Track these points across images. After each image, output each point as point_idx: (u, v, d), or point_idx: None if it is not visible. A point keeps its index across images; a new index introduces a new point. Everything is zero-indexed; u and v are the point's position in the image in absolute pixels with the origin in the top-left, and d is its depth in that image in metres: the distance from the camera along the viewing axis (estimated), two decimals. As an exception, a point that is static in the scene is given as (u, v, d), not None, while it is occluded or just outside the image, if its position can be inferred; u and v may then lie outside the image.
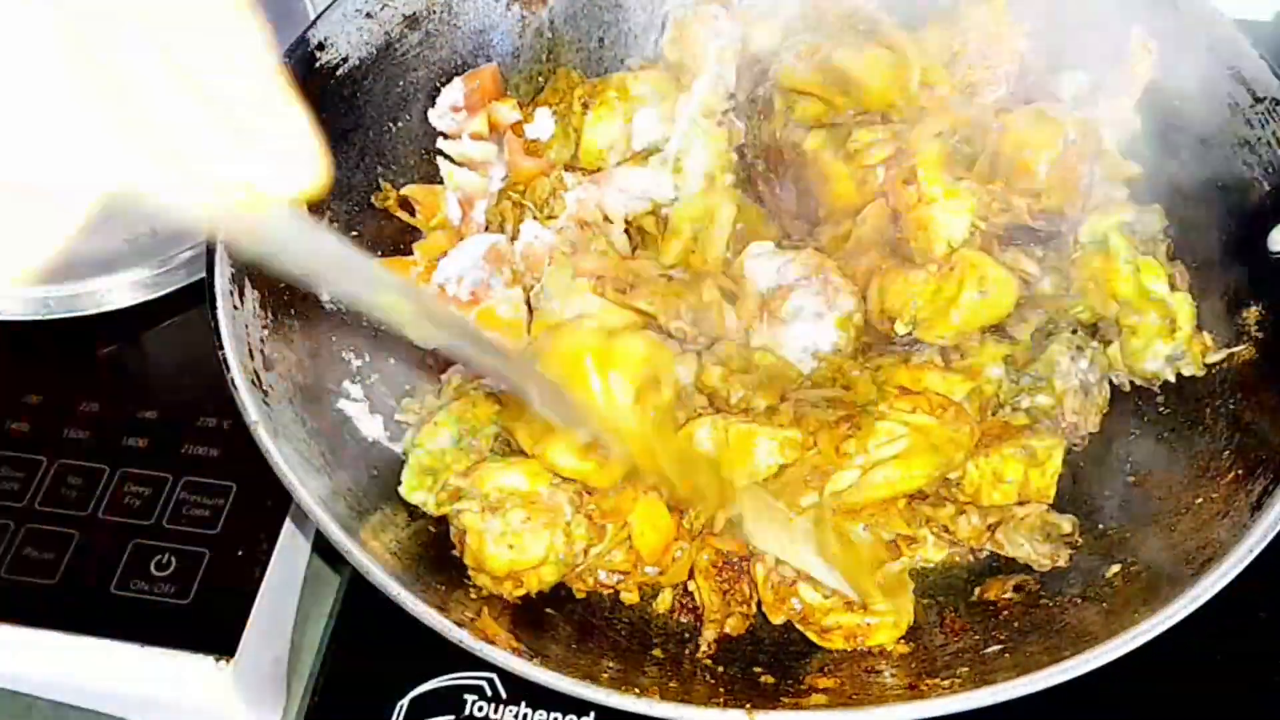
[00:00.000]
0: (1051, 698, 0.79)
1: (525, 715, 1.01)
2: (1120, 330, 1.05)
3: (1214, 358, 1.03)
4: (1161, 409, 1.05)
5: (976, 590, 1.00)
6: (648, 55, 1.25)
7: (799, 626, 0.97)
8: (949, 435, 0.97)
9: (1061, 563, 0.97)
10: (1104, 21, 1.12)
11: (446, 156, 1.17)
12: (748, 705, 0.77)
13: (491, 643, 0.80)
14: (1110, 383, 1.07)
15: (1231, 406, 0.99)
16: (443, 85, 1.17)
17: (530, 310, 1.09)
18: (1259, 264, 1.01)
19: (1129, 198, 1.10)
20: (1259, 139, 1.03)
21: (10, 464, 1.12)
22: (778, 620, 0.97)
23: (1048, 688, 0.79)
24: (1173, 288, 1.05)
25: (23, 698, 1.11)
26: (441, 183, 1.17)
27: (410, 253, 1.13)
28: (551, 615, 0.96)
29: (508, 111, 1.18)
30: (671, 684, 0.87)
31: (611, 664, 0.90)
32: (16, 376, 1.19)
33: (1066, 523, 0.98)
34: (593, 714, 1.02)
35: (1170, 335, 1.03)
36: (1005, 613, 0.96)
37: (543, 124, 1.19)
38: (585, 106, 1.18)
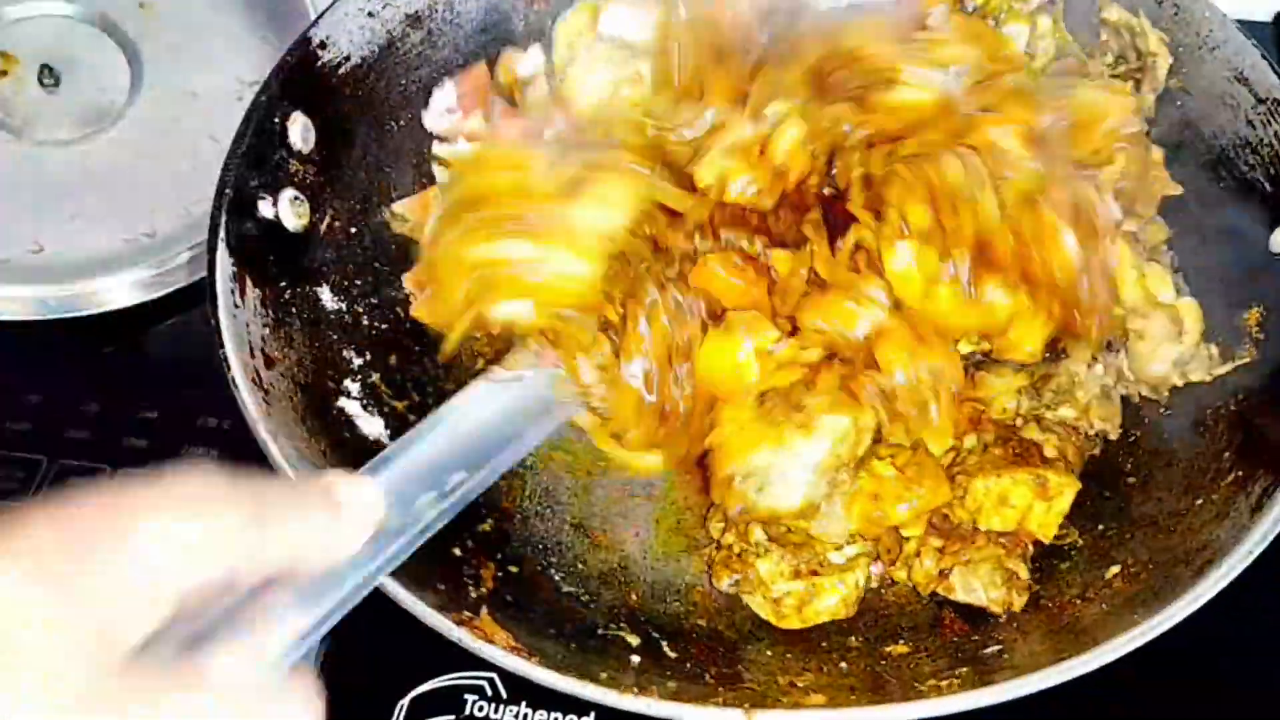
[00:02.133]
0: (1051, 698, 0.79)
1: (526, 715, 1.01)
2: (1128, 336, 1.05)
3: (1220, 370, 1.02)
4: (1162, 409, 1.05)
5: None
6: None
7: (748, 600, 0.98)
8: (898, 492, 0.96)
9: (1016, 608, 0.95)
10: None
11: (441, 161, 1.17)
12: (746, 705, 0.78)
13: (491, 642, 0.81)
14: (1110, 388, 1.07)
15: (1232, 407, 0.99)
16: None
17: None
18: (1260, 265, 1.01)
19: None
20: (1260, 140, 1.03)
21: (10, 464, 1.12)
22: (724, 583, 0.98)
23: (1047, 688, 0.79)
24: (1178, 294, 1.05)
25: (23, 697, 1.11)
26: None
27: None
28: (553, 614, 0.96)
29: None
30: (670, 683, 0.87)
31: (612, 664, 0.90)
32: (16, 376, 1.19)
33: (1024, 569, 0.97)
34: (593, 714, 1.02)
35: (1178, 339, 1.03)
36: (1004, 613, 0.96)
37: (533, 59, 1.19)
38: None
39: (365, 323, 1.08)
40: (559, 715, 1.01)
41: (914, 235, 0.92)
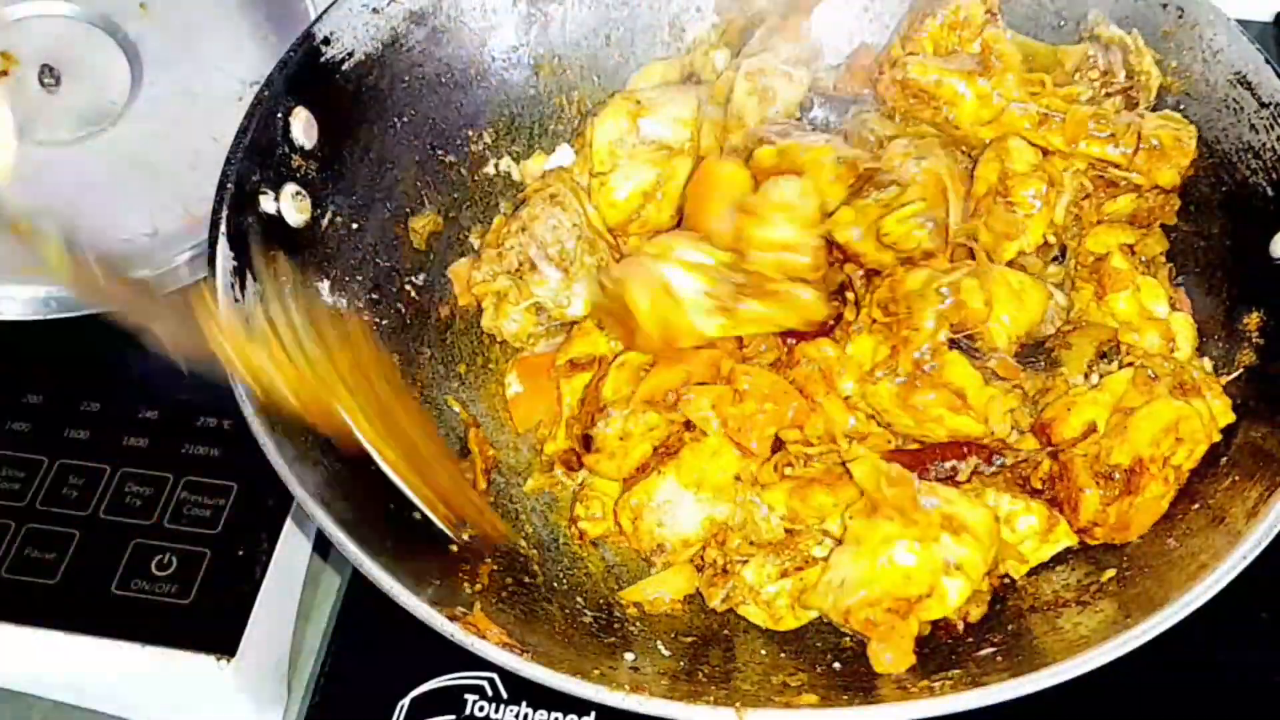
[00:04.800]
0: (1045, 700, 0.79)
1: (526, 715, 1.02)
2: (1120, 347, 1.04)
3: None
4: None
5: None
6: (656, 54, 1.26)
7: (743, 611, 0.99)
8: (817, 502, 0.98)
9: (973, 619, 0.95)
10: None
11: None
12: (738, 704, 0.78)
13: (483, 637, 0.81)
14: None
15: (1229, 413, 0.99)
16: (449, 81, 1.17)
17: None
18: (1261, 270, 1.01)
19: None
20: (1263, 144, 1.03)
21: (11, 464, 1.12)
22: (716, 601, 0.99)
23: (1041, 690, 0.79)
24: (1173, 309, 1.05)
25: (23, 698, 1.12)
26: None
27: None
28: (548, 610, 0.96)
29: None
30: (663, 680, 0.87)
31: (606, 661, 0.90)
32: (16, 376, 1.20)
33: (985, 584, 0.96)
34: (593, 714, 1.02)
35: (1169, 356, 1.02)
36: (999, 615, 0.95)
37: (563, 155, 1.23)
38: (593, 113, 1.19)
39: (365, 318, 1.08)
40: (559, 715, 1.02)
41: (877, 329, 1.00)
